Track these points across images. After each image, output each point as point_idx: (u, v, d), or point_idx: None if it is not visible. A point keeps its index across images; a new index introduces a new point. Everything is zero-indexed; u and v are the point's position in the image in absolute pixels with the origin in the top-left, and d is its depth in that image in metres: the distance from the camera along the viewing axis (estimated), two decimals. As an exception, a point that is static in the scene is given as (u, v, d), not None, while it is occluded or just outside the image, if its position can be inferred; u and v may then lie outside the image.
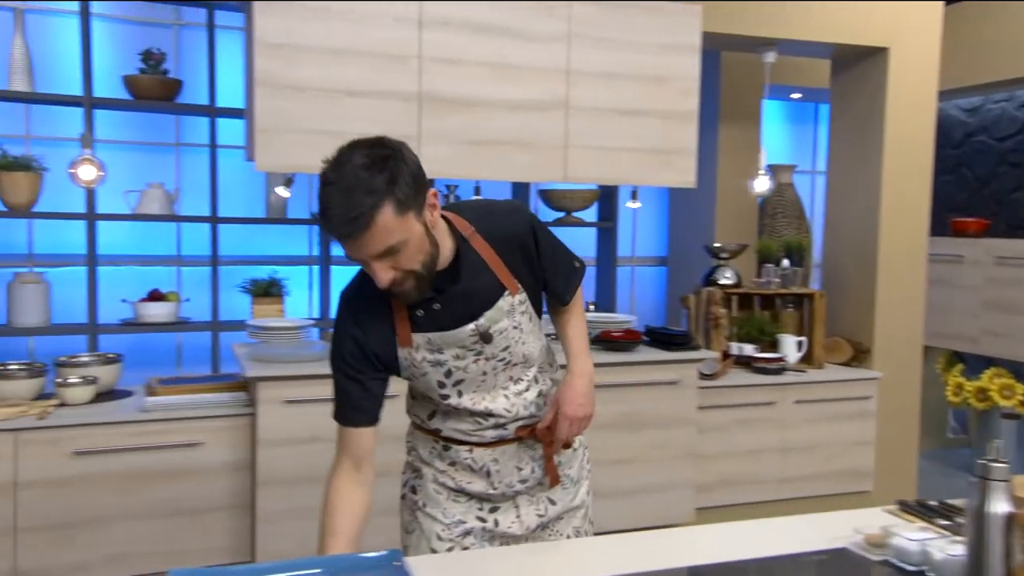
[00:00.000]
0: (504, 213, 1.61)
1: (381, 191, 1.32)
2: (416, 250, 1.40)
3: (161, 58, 3.74)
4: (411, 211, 1.36)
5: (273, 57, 2.96)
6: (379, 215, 1.32)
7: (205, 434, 2.94)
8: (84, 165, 3.01)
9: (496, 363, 1.60)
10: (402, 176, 1.34)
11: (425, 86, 3.14)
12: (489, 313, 1.55)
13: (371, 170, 1.33)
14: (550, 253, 1.66)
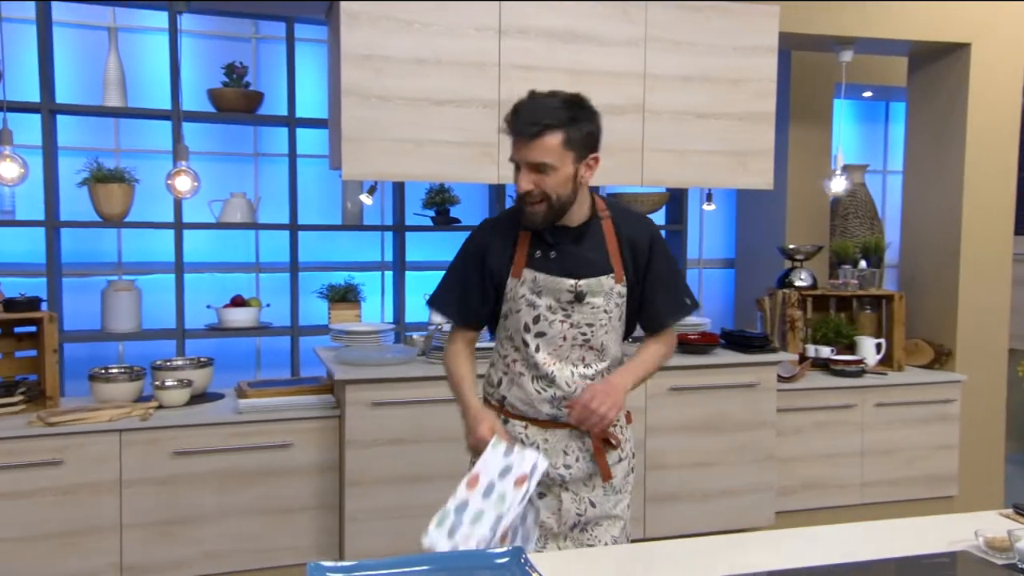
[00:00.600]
0: (636, 217, 1.88)
1: (562, 122, 1.66)
2: (559, 183, 1.69)
3: (243, 71, 3.87)
4: (573, 151, 1.69)
5: (360, 68, 3.04)
6: (549, 135, 1.65)
7: (294, 435, 3.03)
8: (180, 176, 3.13)
9: (577, 333, 1.78)
10: (583, 125, 1.69)
11: (504, 93, 3.19)
12: (591, 281, 1.77)
13: (567, 107, 1.68)
14: (661, 272, 1.83)
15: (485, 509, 1.56)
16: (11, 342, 3.03)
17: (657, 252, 1.83)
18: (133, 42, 3.89)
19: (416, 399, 3.06)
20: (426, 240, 4.35)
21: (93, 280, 3.87)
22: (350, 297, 4.10)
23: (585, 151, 1.72)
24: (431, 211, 4.21)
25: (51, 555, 2.75)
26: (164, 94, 3.80)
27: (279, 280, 4.21)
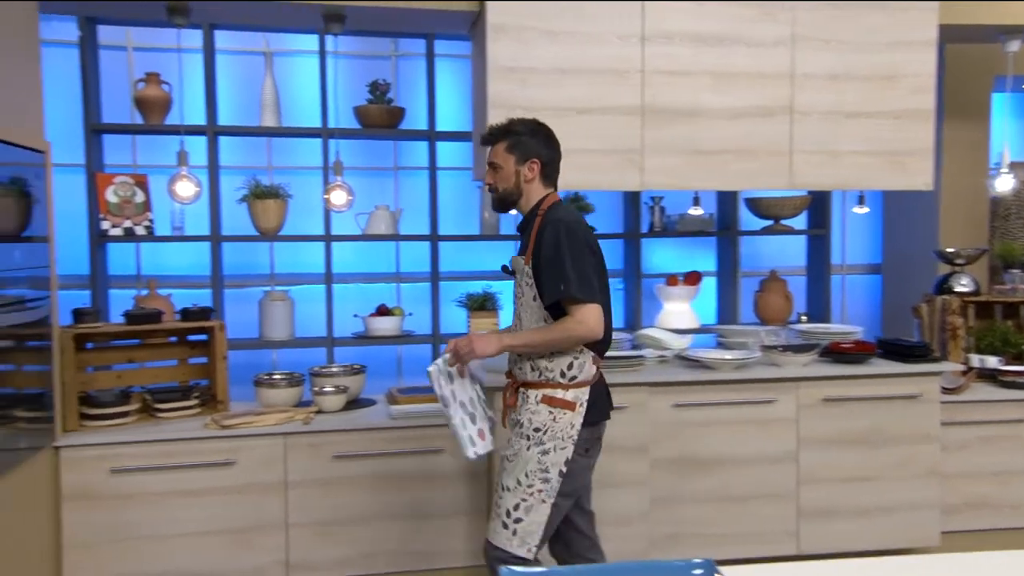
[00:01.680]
0: (558, 212, 2.29)
1: (506, 134, 2.35)
2: (503, 178, 2.34)
3: (386, 88, 4.01)
4: (513, 156, 2.33)
5: (505, 80, 3.10)
6: (499, 143, 2.35)
7: (445, 441, 3.10)
8: (336, 191, 3.28)
9: (513, 301, 2.41)
10: (523, 138, 2.34)
11: (648, 99, 3.17)
12: (514, 259, 2.37)
13: (514, 126, 2.36)
14: (546, 255, 2.22)
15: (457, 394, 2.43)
16: (185, 349, 3.25)
17: (546, 238, 2.23)
18: (286, 65, 4.11)
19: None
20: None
21: (249, 291, 4.11)
22: (488, 306, 4.16)
23: (523, 156, 2.33)
24: (566, 220, 4.23)
25: (224, 551, 2.93)
26: (314, 113, 3.99)
27: (419, 289, 4.33)
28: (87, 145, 3.60)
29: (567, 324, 2.21)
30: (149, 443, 2.87)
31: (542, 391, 2.30)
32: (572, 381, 2.29)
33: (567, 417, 2.28)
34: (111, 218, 3.60)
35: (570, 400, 2.29)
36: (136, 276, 4.00)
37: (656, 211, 4.26)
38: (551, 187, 2.39)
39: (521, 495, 2.28)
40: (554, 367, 2.29)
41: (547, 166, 2.35)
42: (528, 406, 2.31)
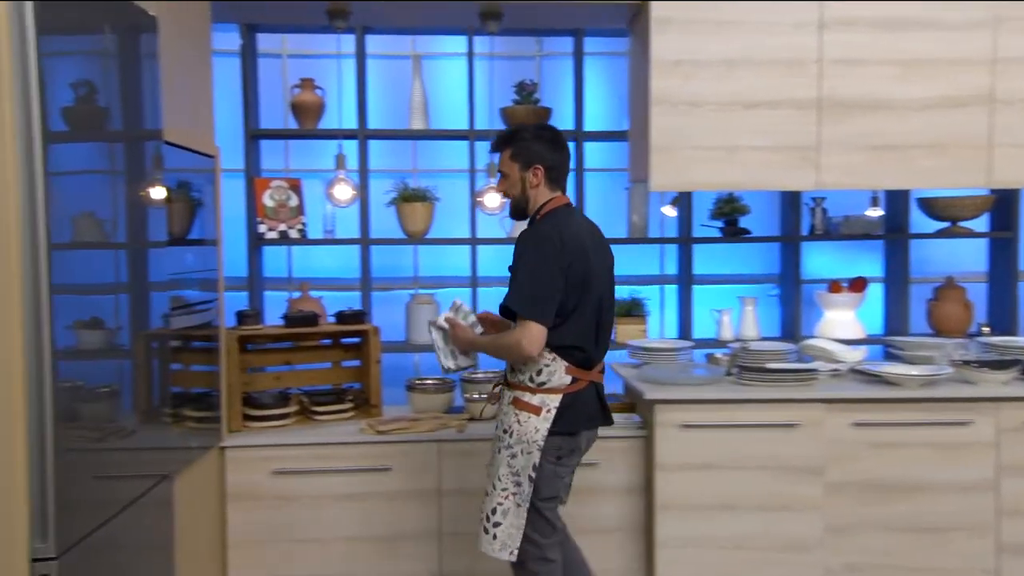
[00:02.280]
0: (538, 224, 2.33)
1: (510, 141, 2.37)
2: (511, 184, 2.37)
3: (533, 88, 3.91)
4: (517, 163, 2.35)
5: (669, 75, 2.93)
6: (504, 151, 2.38)
7: (600, 454, 2.95)
8: (489, 193, 3.19)
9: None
10: (527, 145, 2.34)
11: (825, 91, 2.92)
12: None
13: (518, 132, 2.38)
14: (512, 268, 2.28)
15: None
16: (339, 352, 3.24)
17: (516, 249, 2.28)
18: (432, 68, 4.07)
19: (729, 423, 2.86)
20: (712, 252, 4.15)
21: (395, 294, 4.10)
22: (635, 312, 3.99)
23: (527, 163, 2.33)
24: (719, 222, 4.00)
25: (378, 556, 2.89)
26: (459, 115, 3.94)
27: (562, 294, 4.21)
28: (246, 151, 3.67)
29: (506, 338, 2.26)
30: (309, 446, 2.87)
31: (514, 393, 2.34)
32: (540, 386, 2.30)
33: (532, 422, 2.28)
34: (267, 221, 3.66)
35: (535, 405, 2.29)
36: (288, 278, 4.07)
37: (817, 212, 3.96)
38: (558, 191, 2.38)
39: (497, 499, 2.31)
40: (525, 371, 2.32)
41: (552, 171, 2.35)
42: (502, 406, 2.37)
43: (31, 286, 1.59)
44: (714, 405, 2.87)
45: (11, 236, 1.55)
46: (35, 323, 1.59)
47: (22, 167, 1.56)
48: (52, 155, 1.62)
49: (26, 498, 1.58)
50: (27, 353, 1.58)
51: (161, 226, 2.23)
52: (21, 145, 1.55)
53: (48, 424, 1.61)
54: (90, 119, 1.87)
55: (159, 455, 2.23)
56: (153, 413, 2.18)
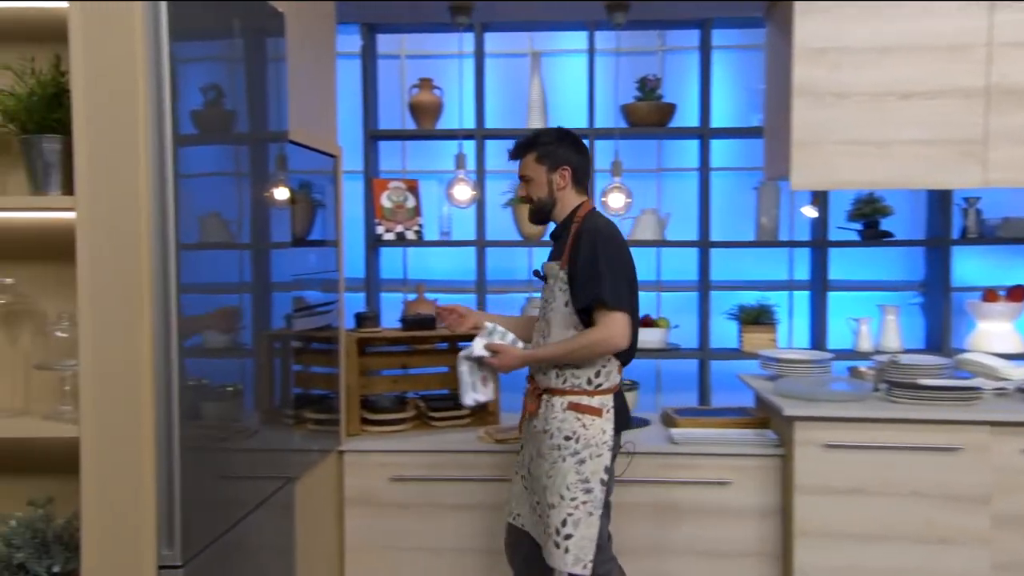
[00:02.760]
0: (593, 220, 2.27)
1: (534, 145, 2.31)
2: (537, 187, 2.30)
3: (656, 84, 3.72)
4: (543, 165, 2.29)
5: (813, 64, 2.68)
6: (528, 154, 2.32)
7: (733, 473, 2.74)
8: (614, 193, 3.04)
9: (541, 304, 2.35)
10: (553, 148, 2.29)
11: (995, 78, 2.61)
12: (548, 265, 2.32)
13: (541, 136, 2.33)
14: (581, 264, 2.19)
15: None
16: (455, 356, 3.14)
17: (582, 245, 2.20)
18: (550, 66, 3.94)
19: (879, 444, 2.59)
20: (848, 257, 3.83)
21: (510, 296, 3.99)
22: (764, 319, 3.74)
23: (554, 164, 2.29)
24: (857, 224, 3.69)
25: (491, 571, 2.77)
26: (576, 114, 3.79)
27: (683, 299, 4.00)
28: (365, 151, 3.64)
29: (592, 335, 2.19)
30: (426, 452, 2.78)
31: (567, 398, 2.24)
32: (598, 388, 2.24)
33: (597, 424, 2.22)
34: (385, 223, 3.62)
35: (596, 407, 2.24)
36: (403, 280, 4.02)
37: (971, 214, 3.60)
38: (584, 194, 2.35)
39: (567, 510, 2.19)
40: (581, 374, 2.24)
41: (578, 172, 2.32)
42: (554, 414, 2.24)
43: (160, 285, 1.54)
44: (862, 424, 2.61)
45: (142, 237, 1.51)
46: (164, 322, 1.54)
47: (153, 169, 1.51)
48: (181, 157, 1.57)
49: (153, 502, 1.53)
50: (155, 351, 1.53)
51: (284, 227, 2.19)
52: (153, 148, 1.51)
53: (175, 422, 1.55)
54: (218, 121, 1.84)
55: (282, 457, 2.18)
56: (275, 414, 2.13)
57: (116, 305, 1.43)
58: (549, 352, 2.24)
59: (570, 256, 2.21)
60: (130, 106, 1.46)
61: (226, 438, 1.84)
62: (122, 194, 1.45)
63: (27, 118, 1.34)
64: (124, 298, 1.45)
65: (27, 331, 1.51)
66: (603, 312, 2.16)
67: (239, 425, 1.92)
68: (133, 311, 1.50)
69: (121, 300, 1.45)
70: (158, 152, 1.52)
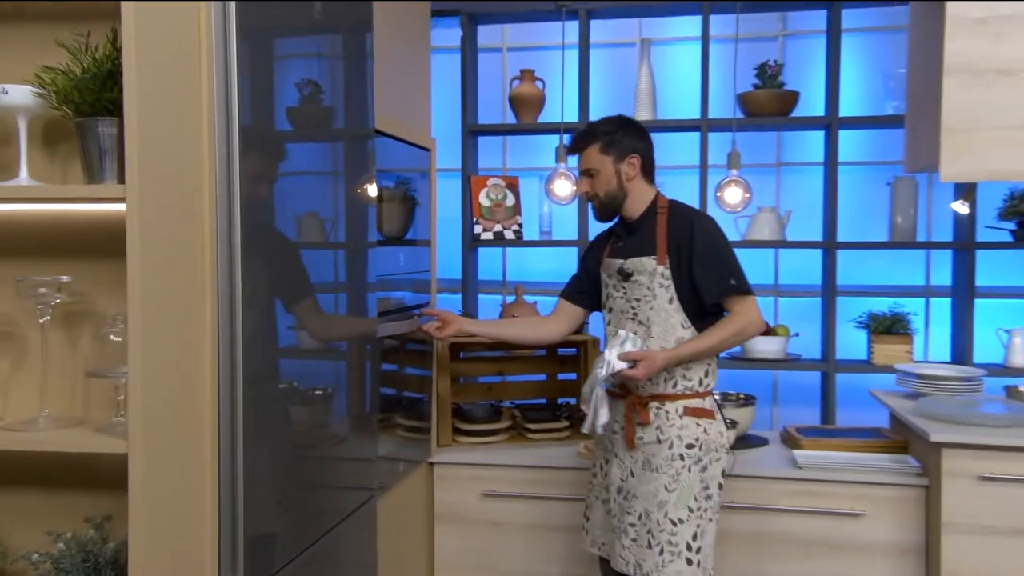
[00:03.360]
0: (687, 210, 2.16)
1: (595, 135, 2.15)
2: (604, 182, 2.13)
3: (777, 70, 3.37)
4: (610, 155, 2.12)
5: (972, 36, 2.30)
6: (591, 145, 2.15)
7: (866, 503, 2.39)
8: (730, 188, 2.73)
9: (628, 307, 2.12)
10: (617, 136, 2.13)
11: None
12: (634, 260, 2.11)
13: (602, 125, 2.18)
14: (700, 252, 2.05)
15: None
16: (554, 364, 2.92)
17: (697, 234, 2.06)
18: (660, 55, 3.65)
19: None
20: (997, 260, 3.36)
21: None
22: (897, 328, 3.32)
23: (621, 154, 2.12)
24: (1010, 223, 3.23)
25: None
26: (689, 106, 3.49)
27: (802, 306, 3.62)
28: (463, 147, 3.46)
29: (737, 322, 2.06)
30: (521, 468, 2.57)
31: (682, 403, 2.09)
32: (707, 389, 2.13)
33: (715, 426, 2.10)
34: (483, 222, 3.43)
35: (709, 408, 2.12)
36: (502, 282, 3.83)
37: None
38: (653, 184, 2.19)
39: (696, 522, 2.04)
40: (692, 375, 2.10)
41: (646, 160, 2.17)
42: (671, 421, 2.08)
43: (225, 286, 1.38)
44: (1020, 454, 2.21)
45: (205, 233, 1.35)
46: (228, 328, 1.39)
47: (219, 160, 1.36)
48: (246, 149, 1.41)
49: (212, 524, 1.37)
50: (219, 358, 1.38)
51: (365, 224, 2.03)
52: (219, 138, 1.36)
53: (239, 432, 1.39)
54: (312, 117, 1.70)
55: (367, 468, 2.01)
56: (361, 421, 1.97)
57: (171, 306, 1.28)
58: (697, 346, 2.05)
59: (670, 249, 2.07)
60: (192, 92, 1.32)
61: (302, 449, 1.68)
62: (180, 184, 1.30)
63: (80, 99, 1.20)
64: (181, 298, 1.30)
65: (86, 333, 1.38)
66: (738, 298, 2.07)
67: (318, 434, 1.76)
68: (191, 313, 1.34)
69: (177, 301, 1.29)
70: (224, 143, 1.37)
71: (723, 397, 2.86)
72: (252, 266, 1.41)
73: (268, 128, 1.52)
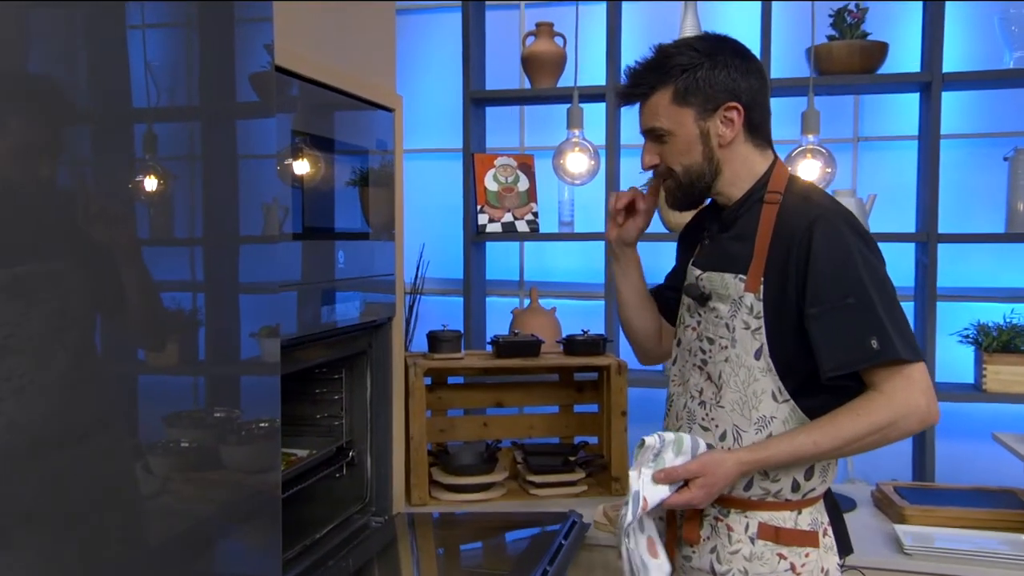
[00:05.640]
0: (812, 205, 1.26)
1: (669, 74, 1.29)
2: (681, 150, 1.31)
3: (861, 16, 2.56)
4: (692, 107, 1.29)
5: None
6: (656, 94, 1.30)
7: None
8: (806, 160, 1.96)
9: (698, 347, 1.32)
10: (700, 70, 1.27)
11: None
12: (713, 275, 1.31)
13: (676, 54, 1.29)
14: (825, 288, 1.19)
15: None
16: (570, 393, 2.18)
17: (818, 249, 1.19)
18: (711, 10, 2.86)
19: None
20: None
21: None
22: (1017, 344, 2.48)
23: (712, 103, 1.28)
24: None
25: None
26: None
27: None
28: (465, 119, 2.72)
29: (883, 408, 1.18)
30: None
31: (757, 516, 1.27)
32: (808, 497, 1.28)
33: (814, 559, 1.26)
34: (489, 210, 2.70)
35: (807, 530, 1.27)
36: (519, 282, 3.09)
37: None
38: (768, 146, 1.35)
39: None
40: (781, 473, 1.26)
41: (752, 110, 1.29)
42: (735, 547, 1.27)
43: None
44: None
45: None
46: None
47: None
48: None
49: None
50: None
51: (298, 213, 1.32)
52: None
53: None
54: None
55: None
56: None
57: None
58: (798, 447, 1.22)
59: (770, 267, 1.24)
60: None
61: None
62: None
63: None
64: None
65: None
66: (890, 370, 1.19)
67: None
68: None
69: None
70: None
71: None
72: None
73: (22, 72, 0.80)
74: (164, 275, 0.89)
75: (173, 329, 0.90)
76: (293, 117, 1.38)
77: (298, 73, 1.38)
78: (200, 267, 0.97)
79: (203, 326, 0.94)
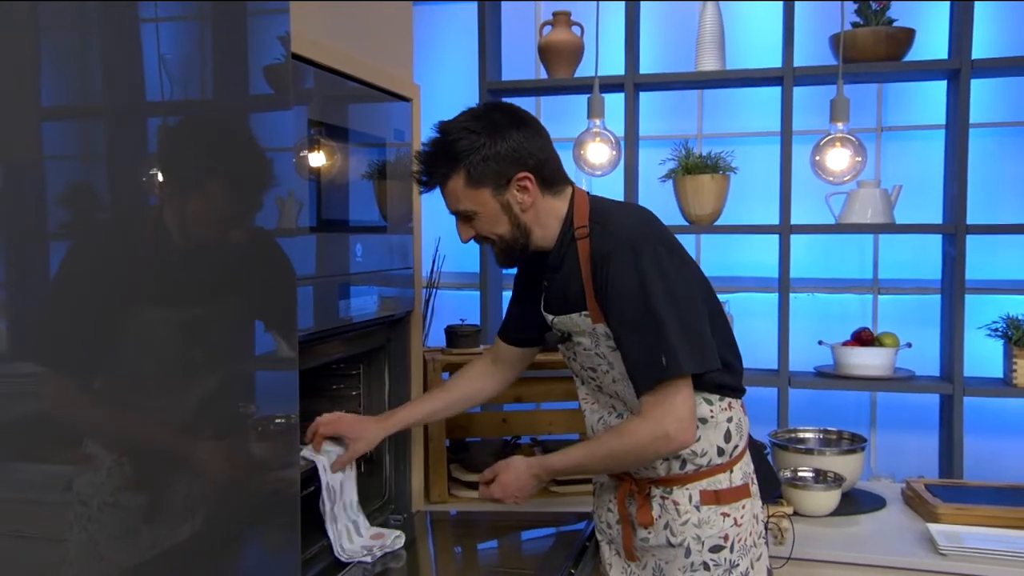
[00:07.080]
0: (613, 227, 1.33)
1: (452, 160, 1.33)
2: (490, 223, 1.37)
3: (886, 3, 2.49)
4: (485, 188, 1.34)
5: None
6: (449, 182, 1.34)
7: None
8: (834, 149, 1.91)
9: (587, 375, 1.44)
10: (482, 154, 1.31)
11: None
12: (563, 319, 1.40)
13: (457, 141, 1.32)
14: (619, 306, 1.30)
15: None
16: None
17: (613, 279, 1.29)
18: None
19: None
20: None
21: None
22: (1053, 341, 2.42)
23: (503, 178, 1.34)
24: None
25: None
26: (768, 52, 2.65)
27: (912, 307, 2.75)
28: (481, 111, 2.68)
29: (637, 433, 1.30)
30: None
31: (697, 486, 1.37)
32: (735, 454, 1.40)
33: (749, 509, 1.39)
34: (506, 203, 2.66)
35: (741, 484, 1.39)
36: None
37: None
38: (565, 186, 1.41)
39: None
40: (704, 446, 1.36)
41: (542, 169, 1.36)
42: (683, 517, 1.37)
43: None
44: None
45: None
46: None
47: None
48: None
49: None
50: None
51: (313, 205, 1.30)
52: None
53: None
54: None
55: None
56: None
57: None
58: (578, 455, 1.40)
59: (598, 297, 1.33)
60: None
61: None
62: None
63: None
64: None
65: None
66: (658, 394, 1.28)
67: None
68: None
69: None
70: None
71: (821, 436, 2.03)
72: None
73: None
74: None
75: (188, 324, 0.87)
76: (309, 107, 1.35)
77: (315, 61, 1.35)
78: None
79: (219, 320, 0.91)
